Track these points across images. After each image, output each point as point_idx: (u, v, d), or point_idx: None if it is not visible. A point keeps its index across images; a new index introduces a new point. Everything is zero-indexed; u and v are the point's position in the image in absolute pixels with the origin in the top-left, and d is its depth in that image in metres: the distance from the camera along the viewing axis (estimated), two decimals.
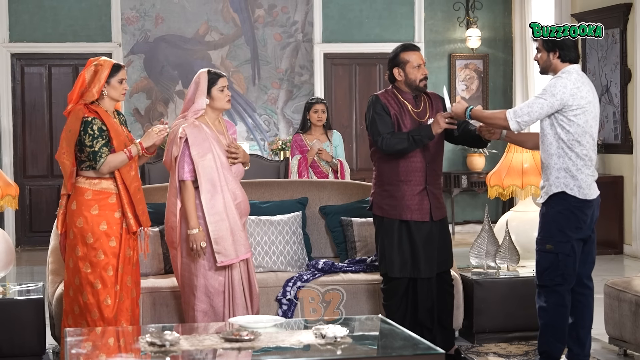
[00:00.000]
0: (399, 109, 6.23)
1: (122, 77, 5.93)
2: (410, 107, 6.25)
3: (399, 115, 6.22)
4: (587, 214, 5.71)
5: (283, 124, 13.15)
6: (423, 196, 6.23)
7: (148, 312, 6.44)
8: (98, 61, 5.92)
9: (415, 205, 6.21)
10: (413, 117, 6.23)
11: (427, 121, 6.22)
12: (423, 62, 6.27)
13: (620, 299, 6.31)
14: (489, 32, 13.61)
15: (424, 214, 6.23)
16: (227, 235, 5.97)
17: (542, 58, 5.80)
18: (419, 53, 6.29)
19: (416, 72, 6.23)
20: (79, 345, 4.89)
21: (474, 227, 13.28)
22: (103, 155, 5.78)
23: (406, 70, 6.24)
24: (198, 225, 5.95)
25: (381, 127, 6.19)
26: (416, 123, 6.22)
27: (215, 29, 12.97)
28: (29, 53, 12.64)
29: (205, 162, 5.97)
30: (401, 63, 6.25)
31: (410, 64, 6.22)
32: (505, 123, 5.73)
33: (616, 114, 11.41)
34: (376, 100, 6.28)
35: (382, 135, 6.17)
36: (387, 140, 6.15)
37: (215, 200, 5.97)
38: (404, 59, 6.24)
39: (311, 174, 8.43)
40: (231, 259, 5.98)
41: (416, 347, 4.82)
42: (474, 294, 6.81)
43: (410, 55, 6.24)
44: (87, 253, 5.81)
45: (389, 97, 6.27)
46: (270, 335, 4.98)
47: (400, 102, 6.25)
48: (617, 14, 11.29)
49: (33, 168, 12.73)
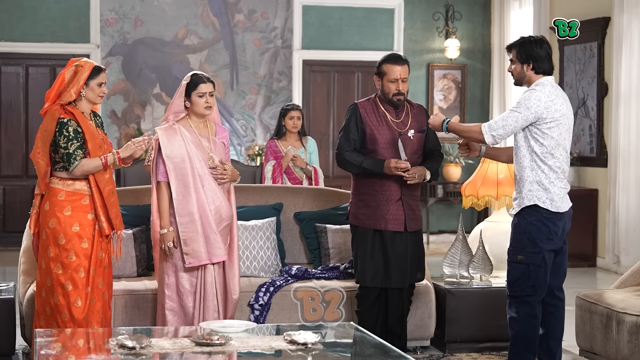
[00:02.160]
0: (377, 119, 6.23)
1: (102, 80, 5.90)
2: (390, 117, 6.25)
3: (376, 125, 6.21)
4: (559, 225, 5.73)
5: (260, 129, 13.14)
6: (398, 206, 6.24)
7: (120, 314, 6.42)
8: (79, 62, 5.89)
9: (389, 215, 6.22)
10: (392, 127, 6.23)
11: (407, 132, 6.23)
12: (401, 78, 6.22)
13: (591, 311, 6.33)
14: (467, 43, 13.66)
15: (399, 224, 6.23)
16: (197, 237, 5.98)
17: (516, 70, 5.82)
18: (401, 67, 6.23)
19: (391, 86, 6.22)
20: (49, 346, 4.87)
21: (449, 237, 13.30)
22: (77, 158, 5.76)
23: (383, 81, 6.25)
24: (168, 226, 5.98)
25: (344, 142, 6.27)
26: (394, 134, 6.22)
27: (194, 32, 12.96)
28: (6, 52, 12.57)
29: (177, 163, 5.97)
30: (381, 73, 6.26)
31: (387, 76, 6.22)
32: (481, 136, 5.74)
33: (592, 127, 11.46)
34: (353, 110, 6.30)
35: (340, 150, 6.25)
36: (342, 157, 6.24)
37: (187, 202, 5.98)
38: (384, 70, 6.25)
39: (285, 180, 8.42)
40: (200, 260, 5.99)
41: (387, 355, 4.82)
42: (447, 304, 6.82)
43: (390, 67, 6.22)
44: (59, 254, 5.79)
45: (368, 107, 6.27)
46: (241, 340, 4.97)
47: (380, 112, 6.24)
48: (595, 28, 11.35)
49: (8, 168, 12.66)
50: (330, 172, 13.07)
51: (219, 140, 6.16)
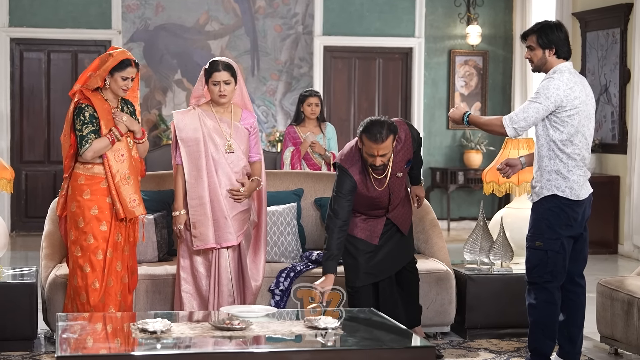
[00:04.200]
0: (365, 182, 6.05)
1: (127, 75, 5.88)
2: (376, 177, 6.06)
3: (364, 188, 6.05)
4: (578, 212, 5.70)
5: (281, 115, 13.14)
6: (389, 222, 6.21)
7: (141, 299, 6.44)
8: (114, 50, 5.94)
9: (377, 231, 6.18)
10: (373, 185, 6.07)
11: (396, 174, 6.06)
12: (379, 154, 5.85)
13: (612, 297, 6.31)
14: (489, 29, 13.60)
15: (374, 238, 6.18)
16: (206, 221, 6.04)
17: (536, 55, 5.75)
18: (376, 145, 5.83)
19: (368, 158, 5.94)
20: (71, 330, 4.90)
21: (470, 224, 13.27)
22: (89, 141, 5.82)
23: (362, 150, 5.98)
24: (181, 208, 6.07)
25: (339, 210, 5.97)
26: (377, 189, 6.06)
27: (215, 18, 12.96)
28: (28, 38, 12.61)
29: (191, 147, 6.03)
30: (361, 139, 5.96)
31: (365, 148, 5.93)
32: (502, 129, 5.69)
33: (614, 114, 11.41)
34: (343, 179, 6.01)
35: (331, 213, 6.00)
36: (328, 222, 6.00)
37: (198, 185, 6.04)
38: (362, 140, 5.92)
39: (304, 166, 8.43)
40: (206, 244, 6.05)
41: (407, 340, 4.83)
42: (467, 290, 6.81)
43: (367, 142, 5.87)
44: (78, 237, 5.87)
45: (356, 172, 6.01)
46: (261, 325, 4.99)
47: (366, 170, 6.05)
48: (618, 14, 11.29)
49: (30, 153, 12.72)
50: None
51: (242, 125, 6.16)
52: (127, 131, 5.94)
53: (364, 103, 13.36)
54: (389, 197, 6.12)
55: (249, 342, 4.72)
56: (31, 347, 6.37)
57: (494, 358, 6.32)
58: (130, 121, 5.95)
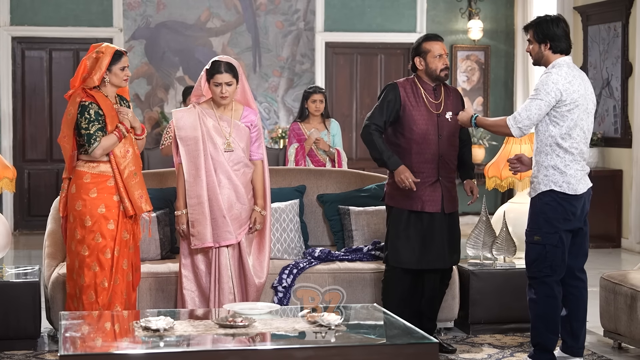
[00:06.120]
0: (415, 99, 6.24)
1: (124, 64, 5.94)
2: (429, 98, 6.25)
3: (414, 105, 6.21)
4: (576, 206, 5.71)
5: (283, 112, 13.14)
6: (435, 188, 6.22)
7: (144, 297, 6.45)
8: (99, 48, 5.92)
9: (426, 196, 6.20)
10: (429, 109, 6.22)
11: (445, 114, 6.22)
12: (445, 52, 6.31)
13: (615, 292, 6.31)
14: (491, 24, 13.59)
15: (436, 206, 6.21)
16: (204, 220, 6.03)
17: (533, 50, 5.80)
18: (441, 43, 6.33)
19: (437, 62, 6.26)
20: (74, 328, 4.90)
21: (472, 219, 13.25)
22: (97, 139, 5.80)
23: (427, 59, 6.27)
24: (183, 208, 6.08)
25: (377, 113, 6.24)
26: (432, 115, 6.21)
27: (217, 15, 12.95)
28: (30, 37, 12.61)
29: (190, 145, 6.03)
30: (423, 52, 6.29)
31: (431, 53, 6.26)
32: (508, 130, 5.72)
33: (616, 107, 11.40)
34: (391, 88, 6.30)
35: (369, 124, 6.22)
36: (367, 132, 6.21)
37: (197, 184, 6.04)
38: (426, 49, 6.28)
39: (308, 163, 8.43)
40: (204, 243, 6.05)
41: (410, 336, 4.83)
42: (470, 285, 6.81)
43: (432, 45, 6.28)
44: (85, 236, 5.84)
45: (407, 86, 6.28)
46: (264, 322, 4.99)
47: (419, 92, 6.25)
48: (620, 8, 11.27)
49: (32, 152, 12.72)
50: (353, 155, 13.06)
51: (243, 123, 6.15)
52: (130, 127, 5.95)
53: (366, 99, 13.35)
54: (438, 135, 6.19)
55: (252, 340, 4.72)
56: (35, 345, 6.38)
57: (497, 353, 6.32)
58: (134, 117, 5.96)
